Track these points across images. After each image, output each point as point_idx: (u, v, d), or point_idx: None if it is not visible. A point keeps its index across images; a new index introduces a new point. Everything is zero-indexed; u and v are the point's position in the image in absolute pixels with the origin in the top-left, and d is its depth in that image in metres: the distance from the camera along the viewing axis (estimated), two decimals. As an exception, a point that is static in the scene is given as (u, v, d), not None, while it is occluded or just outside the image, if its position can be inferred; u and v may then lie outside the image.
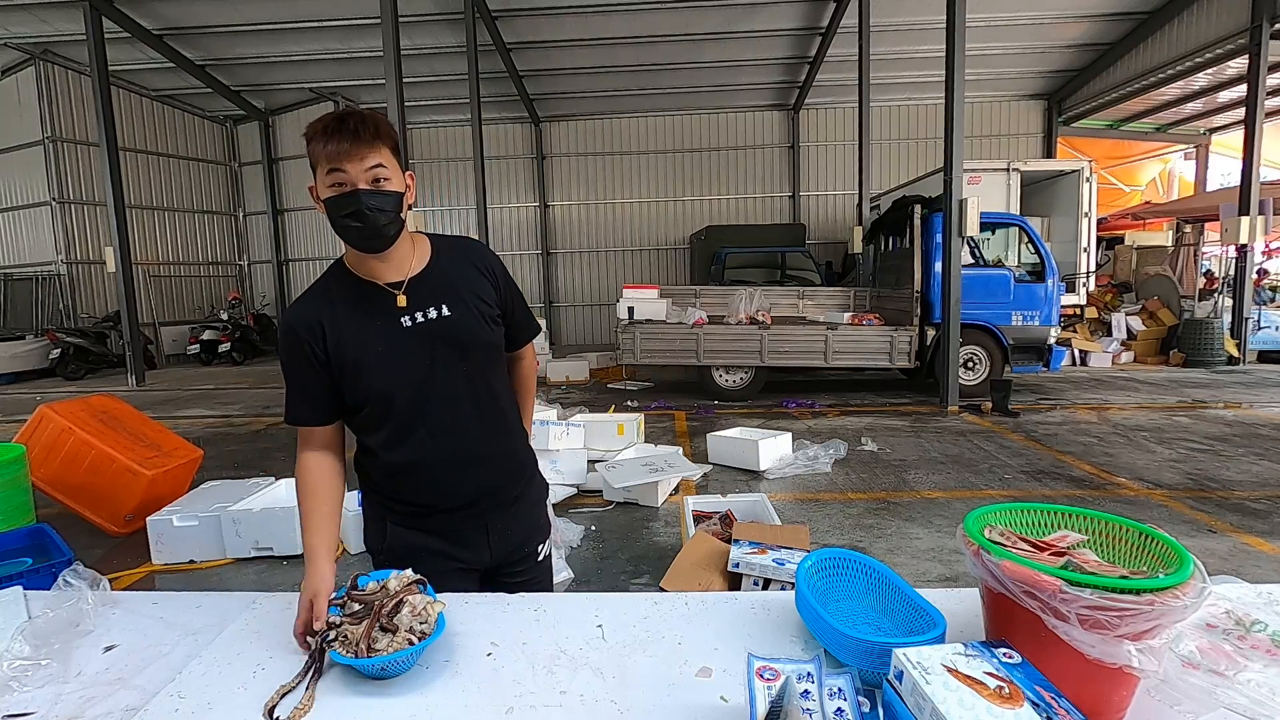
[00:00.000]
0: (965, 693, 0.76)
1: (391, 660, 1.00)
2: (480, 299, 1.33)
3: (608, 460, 4.69)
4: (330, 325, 1.25)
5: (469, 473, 1.34)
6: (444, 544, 1.36)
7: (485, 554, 1.39)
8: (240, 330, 13.27)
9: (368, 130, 1.16)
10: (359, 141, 1.15)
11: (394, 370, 1.26)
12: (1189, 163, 17.27)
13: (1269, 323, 10.19)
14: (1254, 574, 3.20)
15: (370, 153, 1.16)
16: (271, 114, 14.57)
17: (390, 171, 1.19)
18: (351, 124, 1.15)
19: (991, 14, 11.02)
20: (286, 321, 1.27)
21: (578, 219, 15.22)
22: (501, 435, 1.39)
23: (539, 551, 1.50)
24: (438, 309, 1.28)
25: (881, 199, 10.58)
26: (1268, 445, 5.49)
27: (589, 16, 10.95)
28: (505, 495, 1.40)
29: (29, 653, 1.10)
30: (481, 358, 1.34)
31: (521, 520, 1.45)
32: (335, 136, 1.15)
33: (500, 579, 1.45)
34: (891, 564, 2.70)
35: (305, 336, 1.25)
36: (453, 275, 1.32)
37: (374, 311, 1.26)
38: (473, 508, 1.36)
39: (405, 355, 1.26)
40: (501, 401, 1.39)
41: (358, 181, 1.16)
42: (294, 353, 1.26)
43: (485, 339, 1.33)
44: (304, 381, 1.27)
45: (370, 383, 1.26)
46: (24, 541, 2.67)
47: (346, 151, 1.15)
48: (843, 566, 1.22)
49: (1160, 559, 0.91)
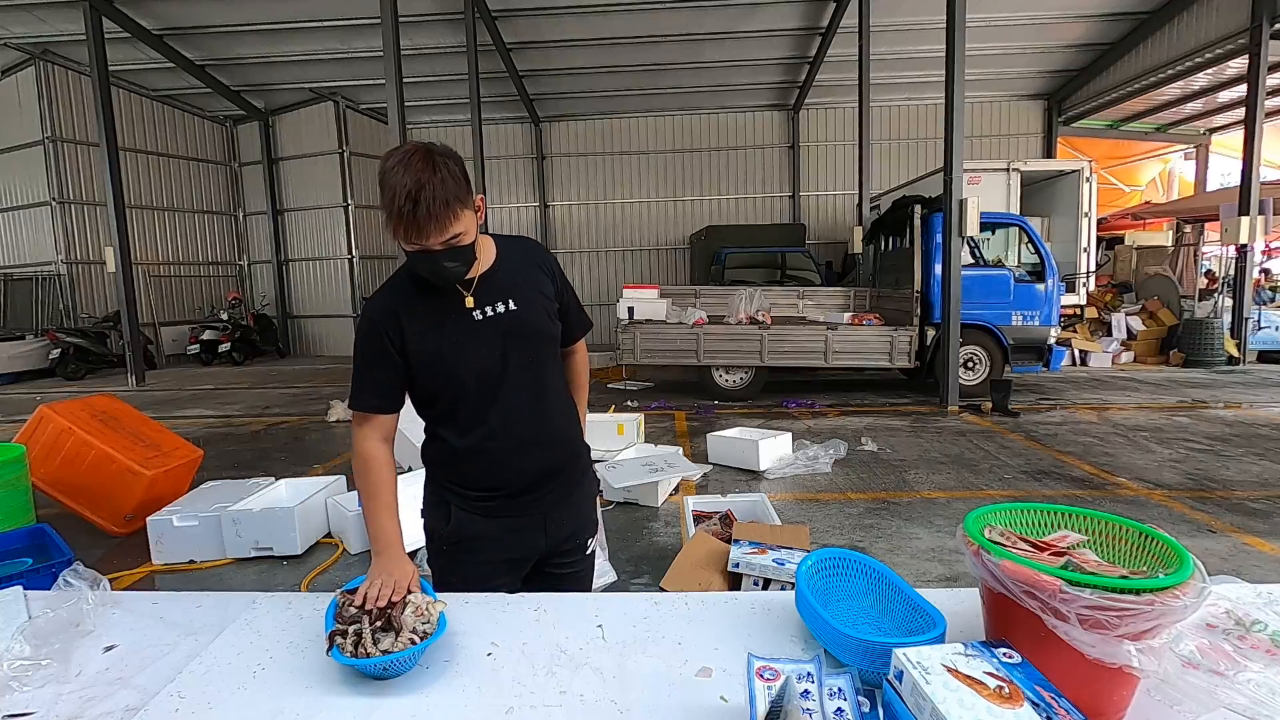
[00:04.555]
0: (965, 693, 0.76)
1: (393, 660, 1.01)
2: (542, 294, 1.42)
3: (608, 460, 4.69)
4: (407, 317, 1.32)
5: (532, 455, 1.41)
6: (504, 532, 1.42)
7: (541, 540, 1.46)
8: (240, 330, 13.25)
9: (441, 209, 1.18)
10: (435, 223, 1.18)
11: (468, 360, 1.34)
12: (1189, 163, 17.26)
13: (1269, 323, 10.18)
14: (1254, 574, 3.20)
15: (446, 228, 1.20)
16: (271, 114, 14.55)
17: (465, 230, 1.23)
18: (425, 205, 1.16)
19: (991, 14, 11.01)
20: (367, 312, 1.35)
21: (578, 219, 15.21)
22: (560, 421, 1.48)
23: (588, 545, 1.57)
24: (505, 304, 1.37)
25: (881, 199, 10.58)
26: (1268, 445, 5.49)
27: (589, 16, 10.94)
28: (564, 480, 1.48)
29: (29, 653, 1.10)
30: (544, 349, 1.43)
31: (575, 510, 1.52)
32: (413, 217, 1.17)
33: (549, 569, 1.51)
34: (891, 564, 2.70)
35: (383, 326, 1.32)
36: (516, 272, 1.41)
37: (448, 306, 1.34)
38: (534, 492, 1.43)
39: (479, 346, 1.34)
40: (559, 391, 1.49)
41: (434, 246, 1.21)
42: (372, 341, 1.33)
43: (548, 332, 1.43)
44: (378, 369, 1.34)
45: (446, 371, 1.34)
46: (24, 541, 2.67)
47: (424, 231, 1.19)
48: (843, 566, 1.22)
49: (1160, 559, 0.91)
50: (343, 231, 14.47)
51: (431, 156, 1.19)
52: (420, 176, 1.16)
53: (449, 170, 1.19)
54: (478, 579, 1.39)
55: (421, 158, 1.18)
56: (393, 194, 1.17)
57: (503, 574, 1.43)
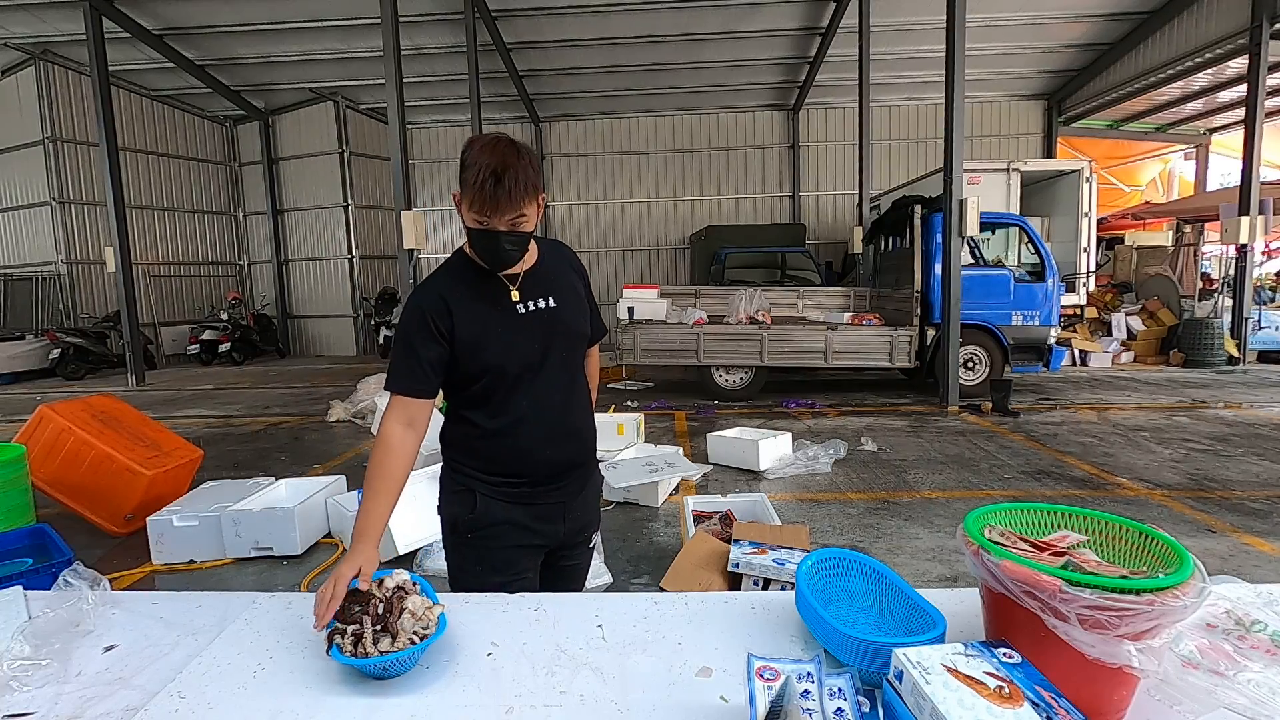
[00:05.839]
0: (965, 693, 0.76)
1: (393, 660, 1.01)
2: (576, 294, 1.52)
3: (608, 460, 4.68)
4: (455, 304, 1.38)
5: (559, 445, 1.47)
6: (527, 518, 1.46)
7: (560, 530, 1.51)
8: (240, 330, 13.26)
9: (520, 191, 1.27)
10: (511, 203, 1.28)
11: (511, 348, 1.40)
12: (1189, 163, 17.25)
13: (1269, 323, 10.19)
14: (1254, 574, 3.20)
15: (518, 209, 1.30)
16: (271, 114, 14.55)
17: (529, 216, 1.33)
18: (507, 185, 1.26)
19: (991, 14, 11.01)
20: (415, 298, 1.40)
21: (578, 219, 15.22)
22: (584, 417, 1.54)
23: (591, 539, 1.65)
24: (546, 300, 1.45)
25: (881, 199, 10.57)
26: (1268, 445, 5.49)
27: (589, 16, 10.94)
28: (583, 473, 1.55)
29: (29, 653, 1.10)
30: (577, 344, 1.52)
31: (588, 504, 1.59)
32: (493, 194, 1.26)
33: (558, 561, 1.57)
34: (891, 564, 2.70)
35: (431, 311, 1.37)
36: (555, 272, 1.50)
37: (494, 298, 1.41)
38: (557, 480, 1.48)
39: (522, 336, 1.41)
40: (585, 387, 1.57)
41: (499, 226, 1.30)
42: (419, 325, 1.37)
43: (581, 330, 1.52)
44: (421, 353, 1.37)
45: (488, 358, 1.39)
46: (24, 541, 2.67)
47: (500, 208, 1.28)
48: (843, 566, 1.22)
49: (1160, 559, 0.91)
50: (343, 231, 14.47)
51: (516, 145, 1.30)
52: (506, 159, 1.26)
53: (530, 160, 1.30)
54: (505, 564, 1.43)
55: (508, 144, 1.29)
56: (478, 170, 1.26)
57: (528, 558, 1.48)
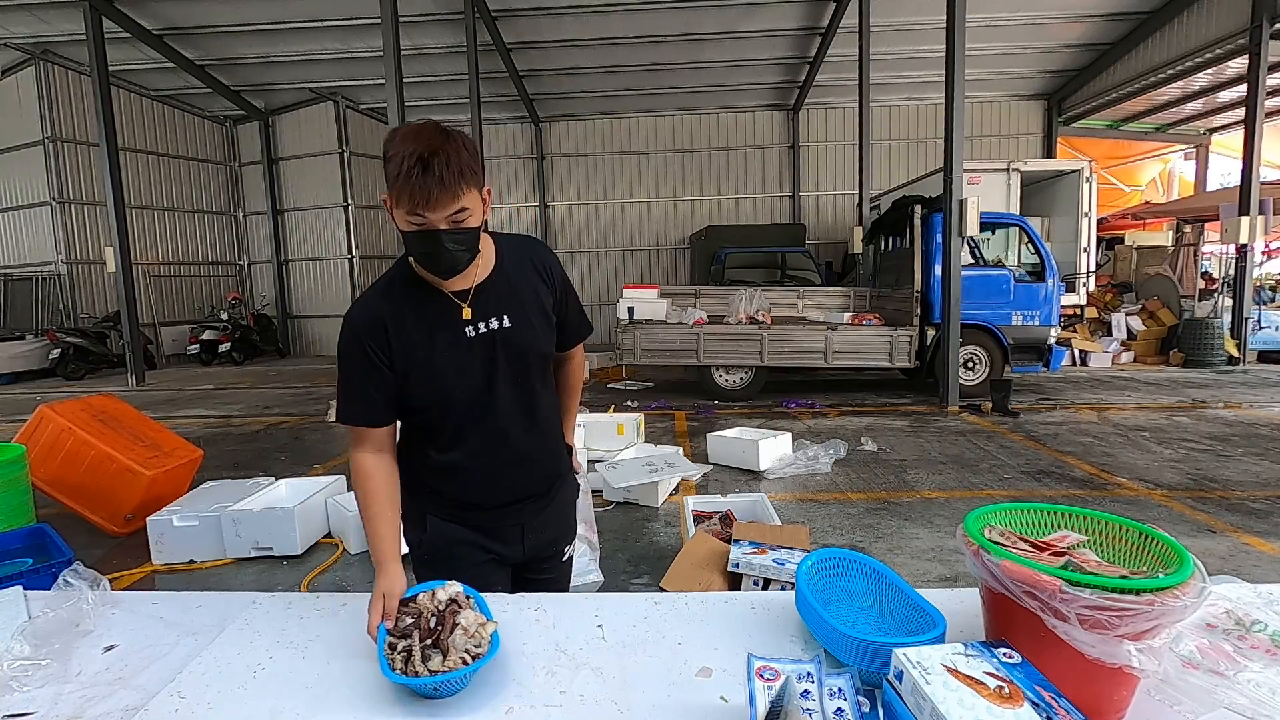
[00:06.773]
0: (965, 693, 0.76)
1: (445, 680, 0.96)
2: (539, 305, 1.35)
3: (608, 460, 4.69)
4: (395, 327, 1.24)
5: (512, 475, 1.37)
6: (481, 537, 1.39)
7: (519, 549, 1.42)
8: (240, 330, 13.27)
9: (453, 177, 1.10)
10: (445, 190, 1.10)
11: (456, 378, 1.27)
12: (1189, 163, 17.26)
13: (1269, 323, 10.19)
14: (1254, 574, 3.20)
15: (455, 199, 1.12)
16: (271, 114, 14.55)
17: (472, 209, 1.16)
18: (437, 170, 1.08)
19: (991, 14, 11.01)
20: (350, 320, 1.25)
21: (578, 219, 15.22)
22: (544, 439, 1.42)
23: (565, 552, 1.54)
24: (499, 319, 1.29)
25: (881, 199, 10.57)
26: (1268, 445, 5.49)
27: (589, 16, 10.94)
28: (541, 497, 1.43)
29: (29, 653, 1.10)
30: (534, 365, 1.36)
31: (554, 520, 1.48)
32: (422, 183, 1.09)
33: (526, 575, 1.49)
34: (891, 564, 2.70)
35: (367, 336, 1.23)
36: (515, 281, 1.33)
37: (440, 319, 1.26)
38: (511, 507, 1.39)
39: (468, 364, 1.28)
40: (546, 407, 1.42)
41: (439, 224, 1.13)
42: (354, 351, 1.24)
43: (541, 349, 1.36)
44: (361, 380, 1.25)
45: (433, 388, 1.27)
46: (24, 541, 2.67)
47: (432, 200, 1.10)
48: (843, 566, 1.22)
49: (1160, 559, 0.91)
50: (343, 231, 14.47)
51: (444, 128, 1.13)
52: (433, 142, 1.09)
53: (463, 142, 1.13)
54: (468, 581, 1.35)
55: (435, 127, 1.12)
56: (400, 159, 1.08)
57: (493, 573, 1.40)
